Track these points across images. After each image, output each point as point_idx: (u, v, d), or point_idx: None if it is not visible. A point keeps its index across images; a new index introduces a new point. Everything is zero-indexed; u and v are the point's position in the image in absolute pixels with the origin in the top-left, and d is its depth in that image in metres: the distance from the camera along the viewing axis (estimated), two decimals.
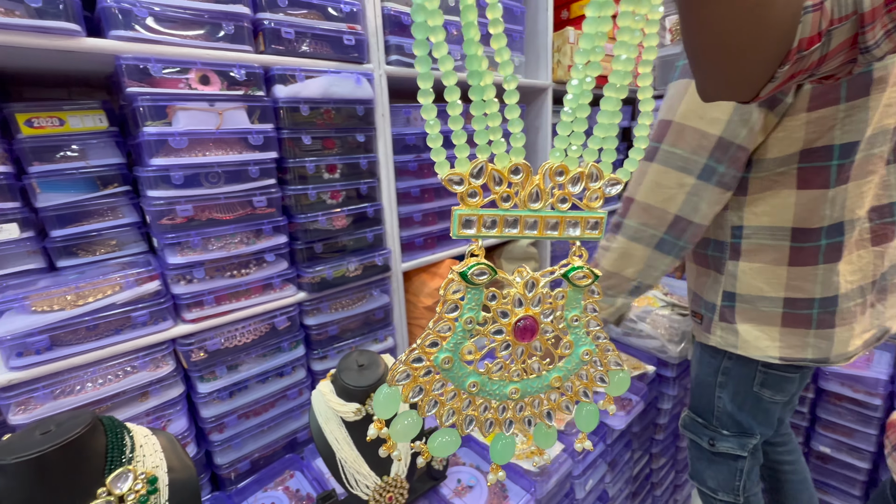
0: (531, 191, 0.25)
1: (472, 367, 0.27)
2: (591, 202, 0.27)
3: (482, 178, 0.25)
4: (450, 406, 0.27)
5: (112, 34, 0.68)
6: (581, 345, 0.28)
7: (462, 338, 0.26)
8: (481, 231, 0.25)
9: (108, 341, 0.74)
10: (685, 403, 1.43)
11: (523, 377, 0.28)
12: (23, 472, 0.45)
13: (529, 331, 0.26)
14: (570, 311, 0.27)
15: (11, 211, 0.75)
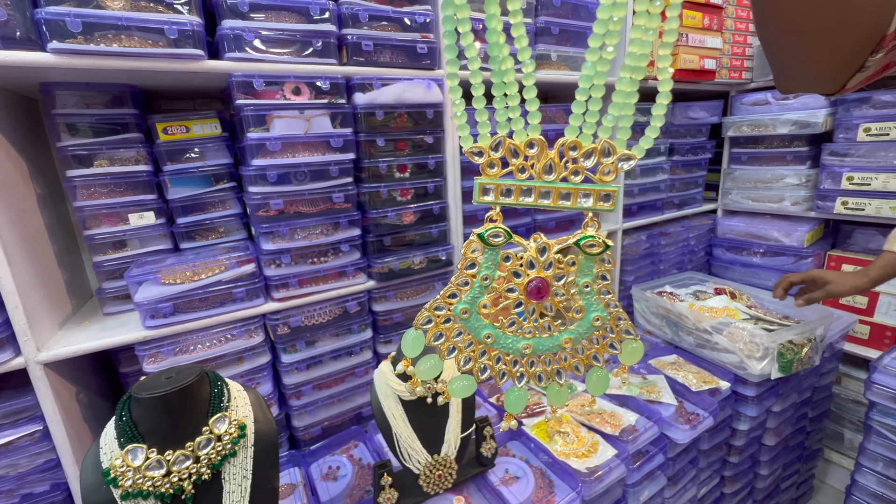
0: (545, 163, 0.28)
1: (488, 321, 0.30)
2: (604, 176, 0.28)
3: (500, 150, 0.28)
4: (466, 353, 0.30)
5: (227, 56, 0.82)
6: (592, 310, 0.30)
7: (479, 292, 0.29)
8: (499, 198, 0.28)
9: (214, 311, 0.89)
10: (767, 427, 1.30)
11: (535, 335, 0.30)
12: (152, 405, 0.58)
13: (540, 291, 0.29)
14: (582, 277, 0.29)
15: (150, 202, 0.93)
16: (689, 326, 1.30)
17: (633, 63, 0.27)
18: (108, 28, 0.72)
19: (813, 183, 1.58)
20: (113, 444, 0.57)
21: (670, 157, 1.63)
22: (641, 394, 1.10)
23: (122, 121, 0.90)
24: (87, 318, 0.93)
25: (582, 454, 0.92)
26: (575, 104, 0.28)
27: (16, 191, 0.80)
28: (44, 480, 0.82)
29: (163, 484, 0.57)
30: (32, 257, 0.81)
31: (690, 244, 1.78)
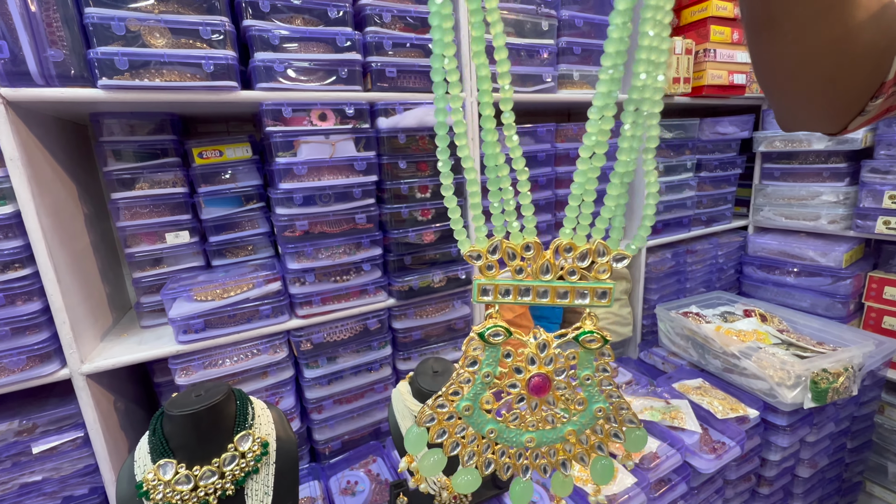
0: (542, 264, 0.28)
1: (491, 416, 0.31)
2: (600, 274, 0.29)
3: (498, 253, 0.29)
4: (470, 448, 0.31)
5: (258, 86, 0.86)
6: (594, 402, 0.30)
7: (481, 389, 0.30)
8: (497, 298, 0.29)
9: (241, 328, 0.93)
10: (801, 458, 1.24)
11: (539, 427, 0.31)
12: (182, 422, 0.61)
13: (541, 387, 0.29)
14: (583, 370, 0.30)
15: (185, 222, 0.98)
16: (715, 350, 1.26)
17: (622, 169, 0.28)
18: (152, 64, 0.77)
19: (852, 201, 1.51)
20: (146, 458, 0.61)
21: (697, 174, 1.59)
22: (664, 419, 1.07)
23: (161, 146, 0.96)
24: (126, 330, 0.98)
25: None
26: (568, 208, 0.29)
27: (66, 212, 0.87)
28: (83, 484, 0.87)
29: (190, 498, 0.60)
30: (79, 274, 0.87)
31: (719, 262, 1.73)
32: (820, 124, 0.41)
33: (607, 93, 0.27)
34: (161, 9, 0.77)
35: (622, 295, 1.52)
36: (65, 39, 0.73)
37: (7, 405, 0.84)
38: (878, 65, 0.35)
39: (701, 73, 1.42)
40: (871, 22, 0.32)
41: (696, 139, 1.56)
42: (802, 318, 1.44)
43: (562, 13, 1.18)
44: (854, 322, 1.57)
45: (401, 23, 0.98)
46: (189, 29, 0.79)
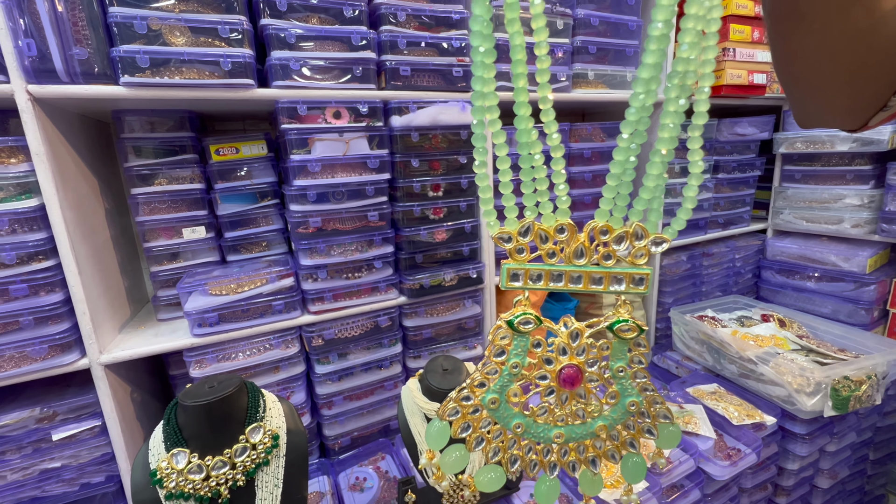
0: (576, 248, 0.27)
1: (518, 409, 0.29)
2: (637, 259, 0.28)
3: (529, 236, 0.28)
4: (495, 444, 0.29)
5: (274, 84, 0.88)
6: (627, 395, 0.28)
7: (508, 381, 0.28)
8: (528, 284, 0.27)
9: (255, 322, 0.94)
10: (821, 468, 1.21)
11: (568, 422, 0.29)
12: (195, 413, 0.62)
13: (573, 379, 0.28)
14: (616, 361, 0.28)
15: (202, 217, 1.00)
16: (731, 354, 1.23)
17: (664, 147, 0.27)
18: (172, 62, 0.79)
19: (877, 204, 1.46)
20: (160, 446, 0.62)
21: (715, 175, 1.56)
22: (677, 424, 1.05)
23: (180, 143, 0.98)
24: (143, 322, 1.01)
25: (611, 484, 0.89)
26: (606, 188, 0.28)
27: (88, 206, 0.89)
28: (100, 472, 0.89)
29: (202, 487, 0.61)
30: (99, 267, 0.90)
31: (736, 266, 1.69)
32: (840, 120, 0.40)
33: (654, 64, 0.26)
34: (181, 8, 0.79)
35: (636, 297, 1.50)
36: (89, 38, 0.75)
37: (28, 393, 0.87)
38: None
39: (720, 73, 1.39)
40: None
41: (713, 140, 1.53)
42: (823, 324, 1.40)
43: (577, 12, 1.17)
44: (878, 329, 1.52)
45: (415, 21, 0.99)
46: (208, 27, 0.80)
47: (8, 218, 0.74)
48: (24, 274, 0.76)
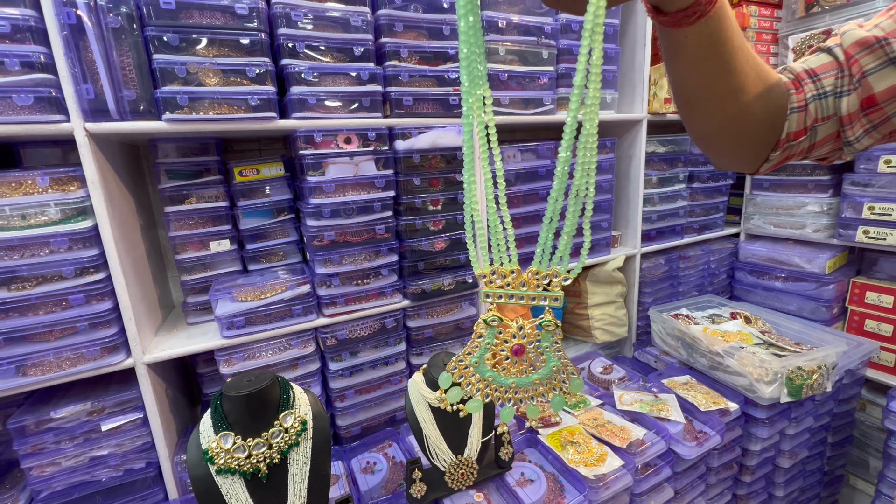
0: (520, 281, 0.42)
1: (490, 367, 0.44)
2: (554, 288, 0.42)
3: (496, 275, 0.42)
4: (477, 386, 0.45)
5: (293, 115, 1.00)
6: (551, 361, 0.43)
7: (484, 351, 0.43)
8: (496, 300, 0.42)
9: (277, 325, 1.06)
10: (782, 450, 1.35)
11: (518, 376, 0.44)
12: (238, 402, 0.74)
13: (520, 351, 0.43)
14: (545, 342, 0.43)
15: (226, 232, 1.12)
16: (702, 349, 1.37)
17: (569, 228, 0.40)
18: (206, 99, 0.91)
19: (835, 211, 1.61)
20: (209, 430, 0.74)
21: (690, 185, 1.70)
22: (651, 411, 1.18)
23: (207, 165, 1.09)
24: (174, 326, 1.12)
25: (591, 463, 1.02)
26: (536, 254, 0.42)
27: (128, 224, 1.00)
28: (141, 459, 1.01)
29: (245, 464, 0.73)
30: (138, 277, 1.01)
31: (711, 267, 1.84)
32: (739, 168, 0.54)
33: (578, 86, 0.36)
34: (214, 52, 0.91)
35: (618, 298, 1.64)
36: (136, 81, 0.86)
37: (77, 390, 0.98)
38: (772, 127, 0.49)
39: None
40: (758, 101, 0.46)
41: (688, 153, 1.67)
42: (786, 320, 1.54)
43: (560, 42, 1.30)
44: (838, 325, 1.67)
45: (416, 56, 1.11)
46: (237, 69, 0.92)
47: (67, 238, 0.85)
48: (81, 286, 0.87)
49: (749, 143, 0.50)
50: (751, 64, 0.45)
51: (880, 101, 0.43)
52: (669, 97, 1.48)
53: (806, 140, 0.49)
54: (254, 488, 0.73)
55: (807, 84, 0.48)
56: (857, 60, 0.44)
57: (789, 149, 0.50)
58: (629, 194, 1.60)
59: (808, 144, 0.50)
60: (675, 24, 0.41)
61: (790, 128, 0.48)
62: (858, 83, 0.44)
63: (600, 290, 1.60)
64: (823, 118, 0.48)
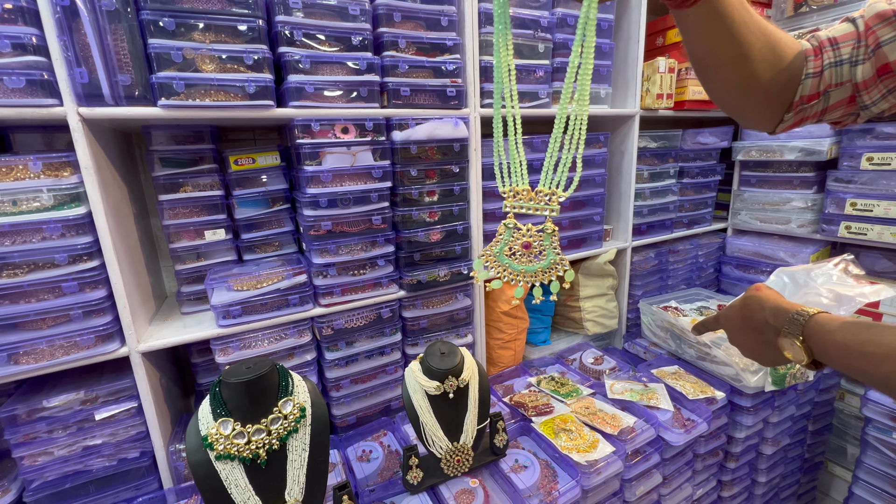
0: (529, 197, 0.54)
1: (507, 257, 0.58)
2: (553, 203, 0.53)
3: (512, 191, 0.54)
4: (497, 270, 0.58)
5: (291, 104, 0.99)
6: (550, 255, 0.56)
7: (504, 244, 0.57)
8: (512, 210, 0.55)
9: (273, 315, 1.06)
10: (765, 437, 1.40)
11: (526, 264, 0.57)
12: (237, 388, 0.74)
13: (528, 246, 0.57)
14: (546, 241, 0.56)
15: (221, 221, 1.11)
16: (690, 340, 1.41)
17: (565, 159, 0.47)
18: (203, 86, 0.90)
19: (818, 207, 1.66)
20: (208, 416, 0.74)
21: (679, 180, 1.74)
22: (641, 400, 1.21)
23: (201, 154, 1.08)
24: (169, 316, 1.11)
25: (583, 449, 1.05)
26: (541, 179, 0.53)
27: (122, 212, 0.99)
28: (135, 448, 1.00)
29: (244, 450, 0.73)
30: (132, 266, 1.00)
31: (699, 261, 1.88)
32: (759, 126, 0.60)
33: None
34: (211, 38, 0.90)
35: (609, 290, 1.66)
36: (131, 66, 0.85)
37: (71, 379, 0.97)
38: (782, 92, 0.54)
39: (683, 90, 1.56)
40: (766, 68, 0.51)
41: (678, 148, 1.70)
42: None
43: (556, 36, 1.31)
44: None
45: (414, 47, 1.11)
46: (235, 56, 0.91)
47: (60, 224, 0.84)
48: (74, 273, 0.86)
49: (759, 105, 0.55)
50: (757, 35, 0.51)
51: (895, 70, 0.47)
52: (661, 93, 1.51)
53: (819, 103, 0.53)
54: (253, 474, 0.74)
55: (826, 51, 0.52)
56: (875, 31, 0.48)
57: (802, 111, 0.54)
58: (621, 189, 1.63)
59: (821, 108, 0.54)
60: (678, 6, 0.48)
61: (803, 92, 0.53)
62: (873, 53, 0.48)
63: (592, 283, 1.62)
64: (837, 84, 0.51)
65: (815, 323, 0.52)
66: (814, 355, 0.53)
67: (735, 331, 0.66)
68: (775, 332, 0.57)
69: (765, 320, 0.59)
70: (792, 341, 0.54)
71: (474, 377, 0.97)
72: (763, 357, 0.63)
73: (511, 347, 1.47)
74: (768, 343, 0.59)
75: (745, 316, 0.64)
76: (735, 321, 0.66)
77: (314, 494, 0.79)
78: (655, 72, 1.48)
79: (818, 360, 0.53)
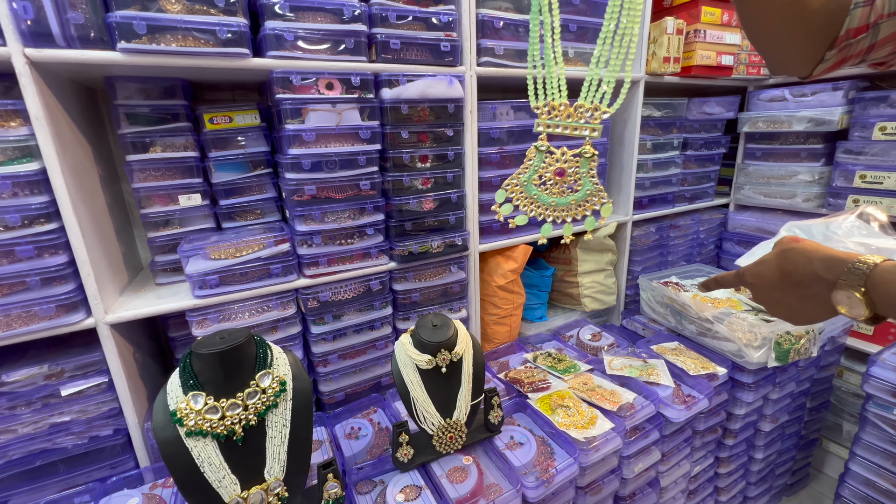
0: (567, 113, 0.48)
1: (536, 187, 0.51)
2: (595, 120, 0.48)
3: (547, 107, 0.49)
4: (524, 203, 0.52)
5: (269, 54, 0.90)
6: (586, 186, 0.49)
7: (532, 173, 0.51)
8: (545, 130, 0.49)
9: (254, 285, 0.99)
10: (764, 414, 1.37)
11: (559, 196, 0.51)
12: (210, 360, 0.68)
13: (561, 173, 0.51)
14: (583, 168, 0.49)
15: (196, 185, 1.03)
16: (691, 315, 1.36)
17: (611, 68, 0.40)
18: (168, 30, 0.80)
19: (825, 180, 1.60)
20: (177, 390, 0.68)
21: (683, 152, 1.67)
22: (641, 375, 1.17)
23: (173, 111, 0.99)
24: (142, 287, 1.04)
25: (581, 426, 1.00)
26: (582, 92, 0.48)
27: (84, 172, 0.91)
28: (107, 426, 0.94)
29: (218, 426, 0.67)
30: (98, 232, 0.92)
31: (700, 237, 1.83)
32: (792, 70, 0.53)
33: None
34: None
35: (608, 266, 1.61)
36: (84, 2, 0.76)
37: (35, 352, 0.90)
38: (829, 22, 0.47)
39: (691, 54, 1.47)
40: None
41: (683, 118, 1.62)
42: None
43: None
44: None
45: None
46: None
47: (10, 181, 0.76)
48: (29, 236, 0.79)
49: (802, 40, 0.49)
50: None
51: None
52: (668, 56, 1.42)
53: (867, 38, 0.47)
54: (228, 452, 0.68)
55: None
56: None
57: (847, 48, 0.48)
58: (623, 160, 1.55)
59: (869, 44, 0.48)
60: None
61: (851, 24, 0.47)
62: None
63: (591, 258, 1.57)
64: (891, 14, 0.45)
65: (884, 271, 0.46)
66: (876, 308, 0.46)
67: (767, 288, 0.58)
68: (828, 286, 0.50)
69: (814, 273, 0.51)
70: (850, 294, 0.47)
71: (468, 351, 0.92)
72: (799, 314, 0.55)
73: (506, 323, 1.41)
74: (813, 298, 0.51)
75: (785, 270, 0.56)
76: (769, 276, 0.58)
77: (296, 472, 0.74)
78: (663, 33, 1.39)
79: (881, 313, 0.47)
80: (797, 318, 0.56)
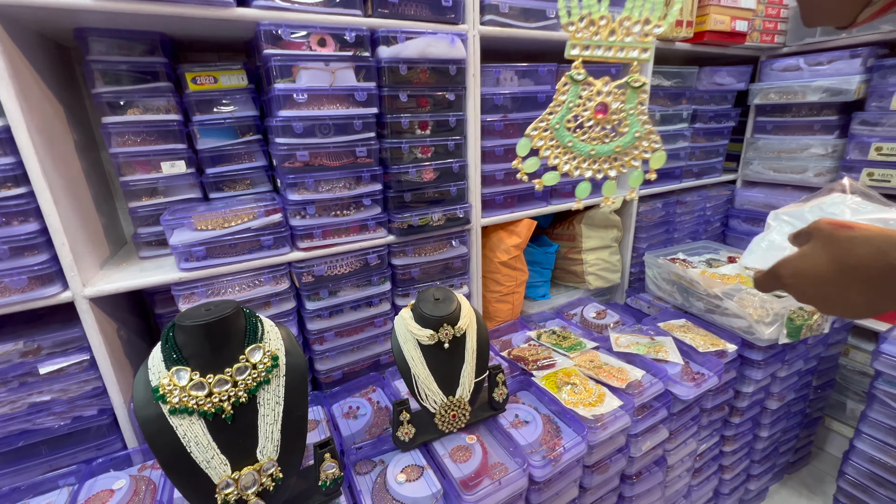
0: (609, 29, 0.40)
1: (570, 132, 0.41)
2: (645, 37, 0.39)
3: (584, 22, 0.40)
4: (555, 154, 0.42)
5: (255, 4, 0.82)
6: (634, 127, 0.41)
7: (566, 112, 0.42)
8: (582, 53, 0.40)
9: (244, 258, 0.93)
10: (771, 392, 1.34)
11: (599, 143, 0.42)
12: (194, 332, 0.63)
13: (604, 109, 0.42)
14: (630, 103, 0.41)
15: (181, 151, 0.96)
16: (699, 292, 1.32)
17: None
18: None
19: (839, 153, 1.54)
20: (160, 365, 0.63)
21: (692, 125, 1.60)
22: (649, 353, 1.13)
23: (152, 69, 0.92)
24: (125, 261, 0.98)
25: (589, 403, 0.97)
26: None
27: (56, 134, 0.84)
28: (91, 405, 0.89)
29: (205, 403, 0.62)
30: (74, 200, 0.86)
31: (707, 214, 1.78)
32: (833, 16, 0.45)
33: None
34: None
35: (613, 242, 1.56)
36: None
37: (10, 327, 0.84)
38: None
39: (704, 18, 1.40)
40: None
41: (693, 89, 1.55)
42: None
43: None
44: None
45: None
46: None
47: None
48: None
49: None
50: None
51: None
52: (681, 19, 1.35)
53: None
54: (217, 430, 0.63)
55: None
56: None
57: None
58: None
59: None
60: None
61: None
62: None
63: (595, 234, 1.52)
64: None
65: None
66: None
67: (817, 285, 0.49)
68: None
69: (890, 265, 0.43)
70: None
71: (472, 326, 0.87)
72: (865, 308, 0.46)
73: (509, 301, 1.37)
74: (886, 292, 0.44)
75: (846, 264, 0.47)
76: (819, 272, 0.49)
77: (291, 452, 0.69)
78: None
79: None
80: (862, 312, 0.47)
